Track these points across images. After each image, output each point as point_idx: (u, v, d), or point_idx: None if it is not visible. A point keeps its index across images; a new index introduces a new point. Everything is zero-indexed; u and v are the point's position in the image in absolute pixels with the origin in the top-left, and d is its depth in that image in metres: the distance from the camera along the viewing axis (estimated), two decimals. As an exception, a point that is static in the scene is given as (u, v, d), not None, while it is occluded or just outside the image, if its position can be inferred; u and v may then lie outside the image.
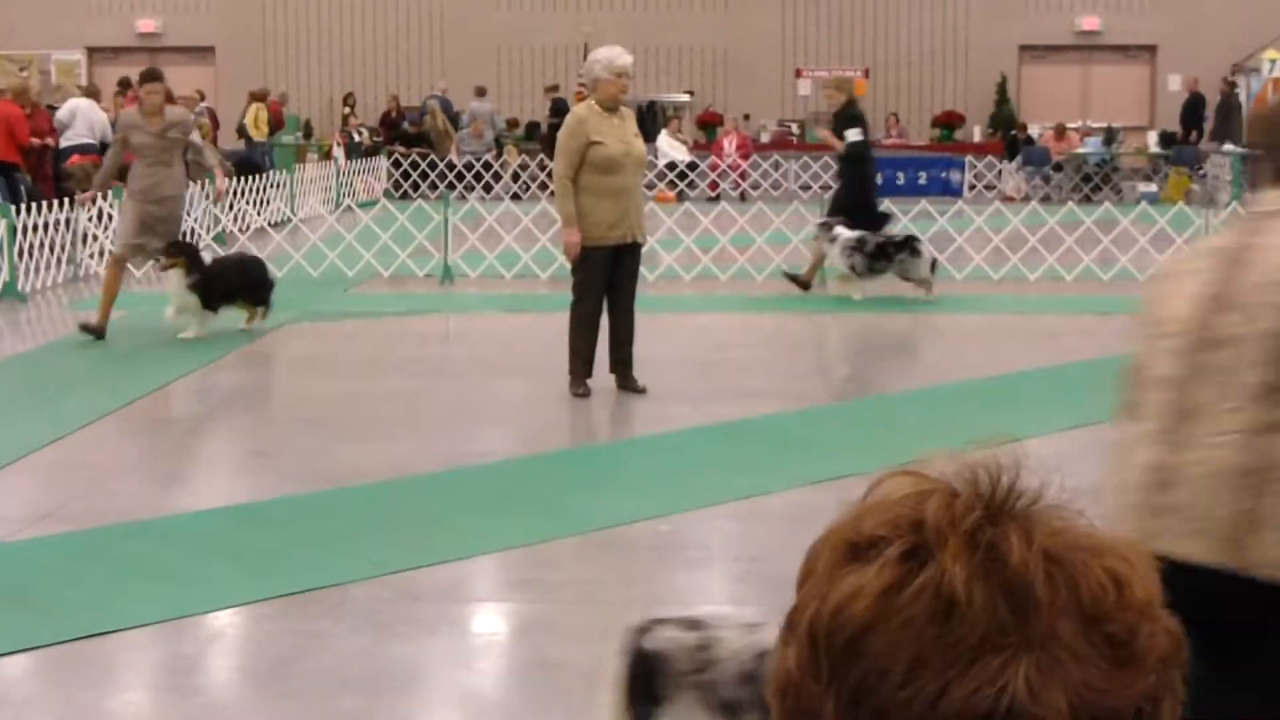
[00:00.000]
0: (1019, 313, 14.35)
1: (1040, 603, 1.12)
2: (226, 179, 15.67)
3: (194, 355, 12.07)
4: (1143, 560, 1.18)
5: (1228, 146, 27.07)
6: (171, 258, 12.52)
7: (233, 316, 13.02)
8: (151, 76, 13.26)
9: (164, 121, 12.74)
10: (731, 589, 6.50)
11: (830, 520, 1.26)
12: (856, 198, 15.88)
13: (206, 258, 13.18)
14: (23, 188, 17.90)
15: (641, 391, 10.40)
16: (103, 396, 10.51)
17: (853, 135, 15.84)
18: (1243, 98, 28.82)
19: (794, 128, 31.33)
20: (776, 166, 28.75)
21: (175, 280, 12.46)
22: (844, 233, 14.61)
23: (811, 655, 1.14)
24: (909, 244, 14.83)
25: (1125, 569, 1.17)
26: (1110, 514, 3.27)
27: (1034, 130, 30.25)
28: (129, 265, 13.54)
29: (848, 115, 16.17)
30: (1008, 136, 30.11)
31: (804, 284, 15.66)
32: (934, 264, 14.91)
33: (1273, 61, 26.56)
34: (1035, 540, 1.15)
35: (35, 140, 18.57)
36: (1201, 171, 27.93)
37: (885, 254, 14.71)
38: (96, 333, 12.30)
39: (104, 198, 17.74)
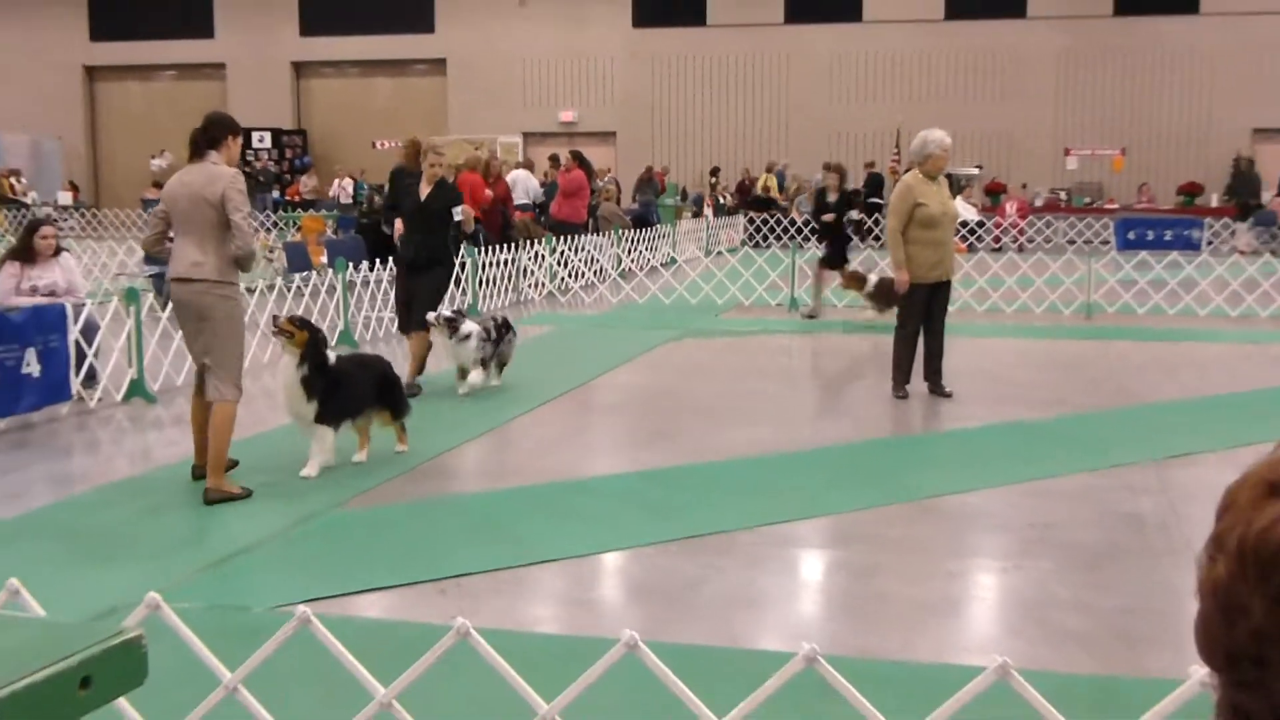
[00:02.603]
0: (1254, 343, 13.65)
1: None
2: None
3: (605, 360, 12.38)
4: None
5: None
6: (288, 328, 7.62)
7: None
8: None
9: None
10: (1027, 549, 6.37)
11: (1249, 468, 1.28)
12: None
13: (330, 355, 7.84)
14: (480, 236, 18.60)
15: (948, 396, 10.29)
16: (543, 388, 10.89)
17: (459, 214, 10.81)
18: None
19: (1062, 194, 30.60)
20: (1048, 225, 28.15)
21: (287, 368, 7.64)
22: (472, 327, 10.43)
23: (1240, 566, 1.17)
24: (510, 325, 10.99)
25: None
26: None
27: (1264, 197, 28.97)
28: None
29: (457, 192, 11.40)
30: (1242, 203, 28.73)
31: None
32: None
33: None
34: None
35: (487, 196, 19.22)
36: None
37: (502, 334, 10.78)
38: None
39: (540, 241, 18.38)
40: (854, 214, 15.74)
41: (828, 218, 15.72)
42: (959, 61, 32.13)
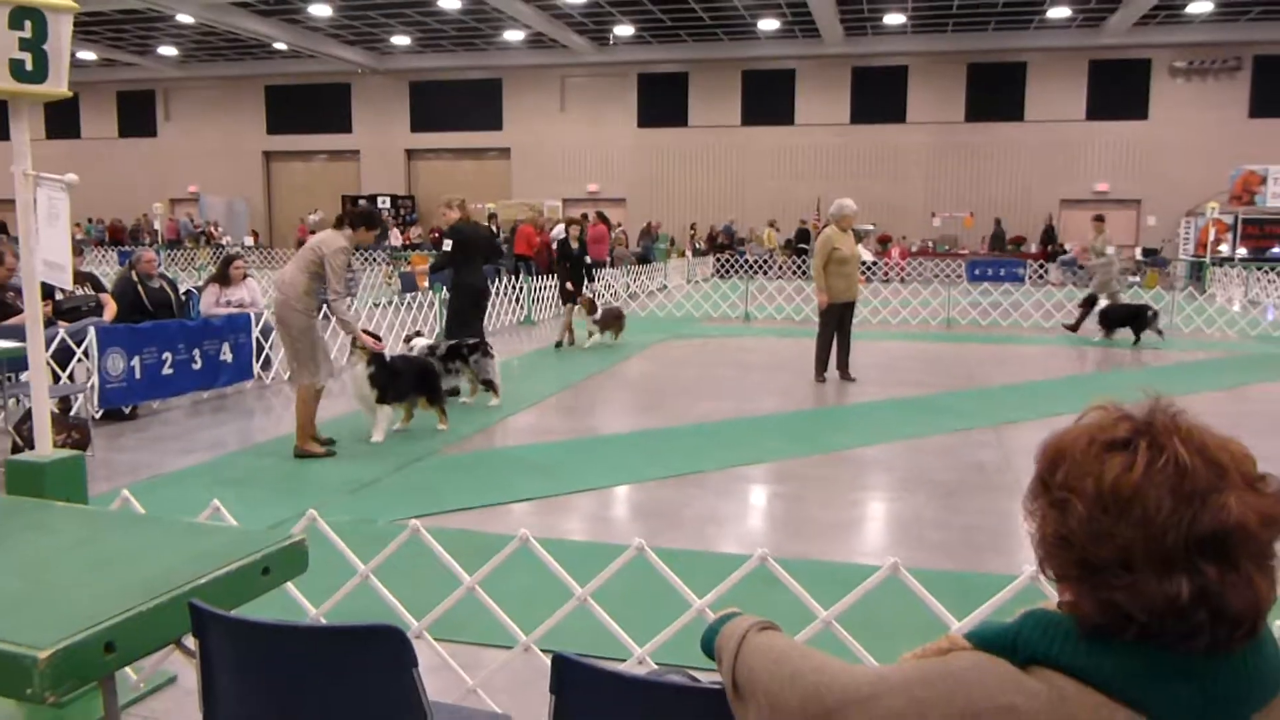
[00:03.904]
0: (1066, 345, 13.62)
1: (1226, 467, 1.12)
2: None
3: (618, 354, 12.34)
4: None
5: (1183, 257, 25.70)
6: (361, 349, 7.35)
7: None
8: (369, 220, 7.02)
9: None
10: (905, 484, 6.35)
11: (1057, 430, 1.25)
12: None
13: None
14: (533, 268, 18.55)
15: (853, 380, 10.25)
16: (573, 374, 10.86)
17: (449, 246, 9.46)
18: (1191, 232, 27.01)
19: (930, 243, 30.48)
20: (920, 264, 28.11)
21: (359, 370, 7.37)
22: (420, 342, 8.82)
23: (1099, 505, 1.15)
24: (481, 346, 8.92)
25: (1244, 448, 1.17)
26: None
27: (1068, 245, 28.96)
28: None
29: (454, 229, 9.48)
30: (1051, 250, 28.69)
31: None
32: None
33: (1213, 208, 24.58)
34: (1213, 435, 1.15)
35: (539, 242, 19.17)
36: (1167, 270, 26.21)
37: (459, 355, 8.78)
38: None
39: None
40: (587, 259, 13.28)
41: (571, 285, 12.82)
42: (860, 152, 32.02)
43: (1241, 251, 25.69)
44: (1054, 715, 1.13)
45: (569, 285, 12.23)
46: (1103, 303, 14.46)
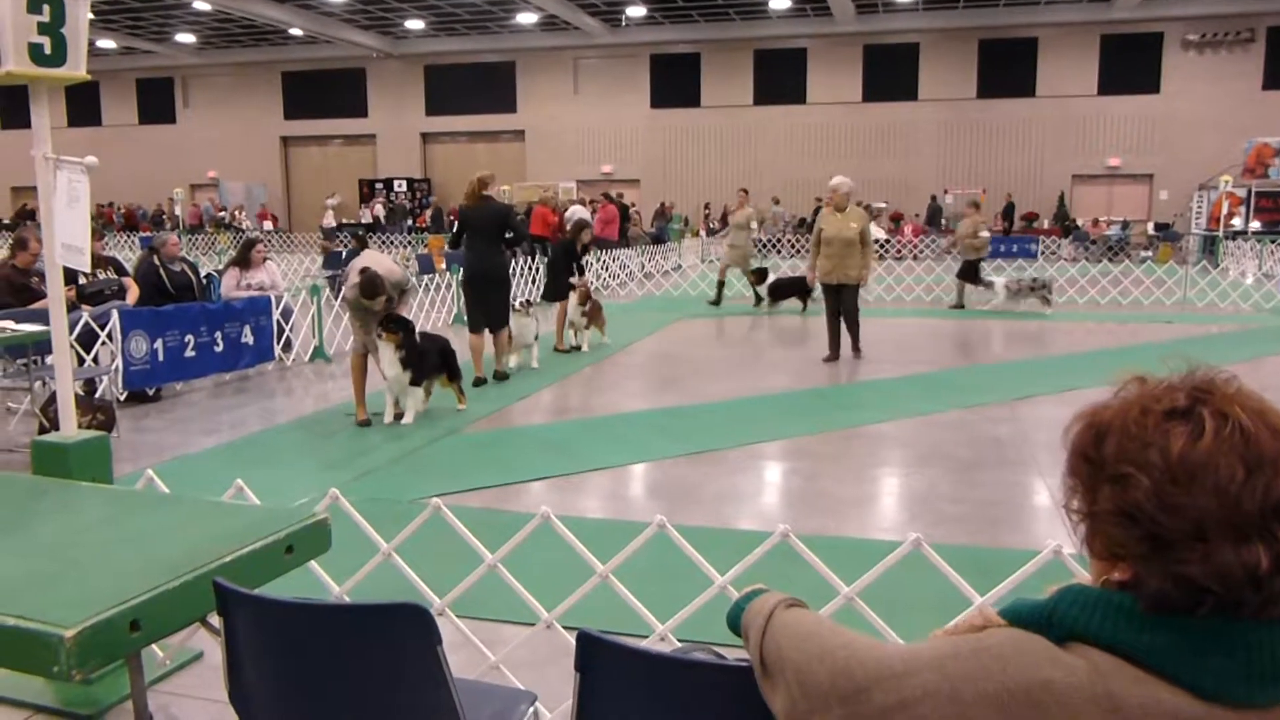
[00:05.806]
0: (1072, 321, 13.50)
1: None
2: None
3: (634, 333, 12.29)
4: None
5: (1196, 231, 25.42)
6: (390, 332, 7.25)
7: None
8: None
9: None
10: (921, 460, 6.30)
11: (1090, 404, 1.19)
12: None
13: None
14: (549, 249, 18.47)
15: (862, 357, 10.18)
16: (593, 353, 10.83)
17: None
18: (1204, 206, 26.68)
19: (943, 221, 30.24)
20: (933, 241, 27.86)
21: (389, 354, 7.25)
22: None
23: (1169, 476, 1.09)
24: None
25: None
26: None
27: (1080, 221, 28.64)
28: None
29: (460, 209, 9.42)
30: (1065, 225, 28.41)
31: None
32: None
33: (1226, 182, 24.27)
34: (1263, 400, 1.11)
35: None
36: (1180, 245, 25.93)
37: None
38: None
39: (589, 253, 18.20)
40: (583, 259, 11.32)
41: (578, 283, 11.06)
42: (872, 130, 31.78)
43: (1255, 225, 25.38)
44: (1092, 690, 1.09)
45: (572, 281, 11.00)
46: (773, 276, 15.25)
